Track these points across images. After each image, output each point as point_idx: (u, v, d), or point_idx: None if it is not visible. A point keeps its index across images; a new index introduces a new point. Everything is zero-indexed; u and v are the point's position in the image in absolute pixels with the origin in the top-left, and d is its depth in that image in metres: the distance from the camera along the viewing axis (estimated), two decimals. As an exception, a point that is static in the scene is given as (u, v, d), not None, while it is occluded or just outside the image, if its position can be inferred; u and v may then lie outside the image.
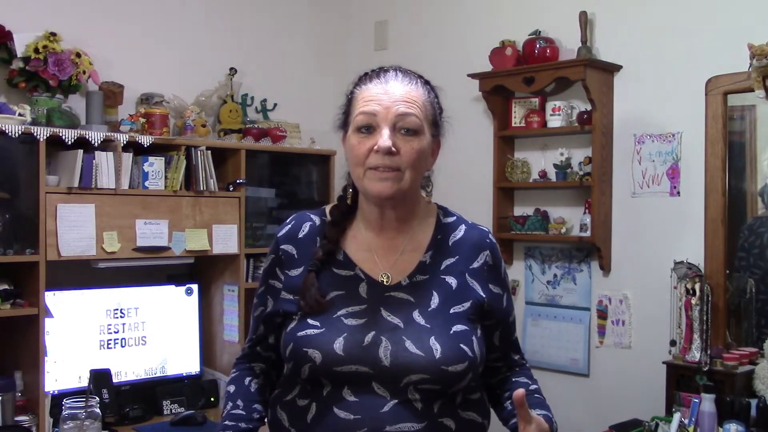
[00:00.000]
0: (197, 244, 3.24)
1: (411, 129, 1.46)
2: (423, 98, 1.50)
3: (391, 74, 1.51)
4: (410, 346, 1.41)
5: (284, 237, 1.61)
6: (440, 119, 1.56)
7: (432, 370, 1.40)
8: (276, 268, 1.60)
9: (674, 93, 3.08)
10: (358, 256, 1.54)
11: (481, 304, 1.52)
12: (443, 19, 3.89)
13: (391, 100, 1.46)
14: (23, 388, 2.90)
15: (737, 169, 2.96)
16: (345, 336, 1.43)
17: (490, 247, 1.58)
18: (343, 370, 1.42)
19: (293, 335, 1.48)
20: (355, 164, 1.49)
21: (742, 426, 2.50)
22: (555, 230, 3.36)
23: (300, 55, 4.10)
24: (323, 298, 1.48)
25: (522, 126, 3.47)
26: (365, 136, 1.46)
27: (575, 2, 3.30)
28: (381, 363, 1.41)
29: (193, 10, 3.69)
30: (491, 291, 1.54)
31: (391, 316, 1.46)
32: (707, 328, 2.79)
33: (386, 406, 1.40)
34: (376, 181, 1.46)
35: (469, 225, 1.60)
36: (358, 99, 1.51)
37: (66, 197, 2.89)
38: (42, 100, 2.97)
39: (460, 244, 1.56)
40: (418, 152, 1.46)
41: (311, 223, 1.60)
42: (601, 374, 3.29)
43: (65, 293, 3.03)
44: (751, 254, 2.94)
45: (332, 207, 1.61)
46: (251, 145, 3.51)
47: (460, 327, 1.46)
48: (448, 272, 1.53)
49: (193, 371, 3.40)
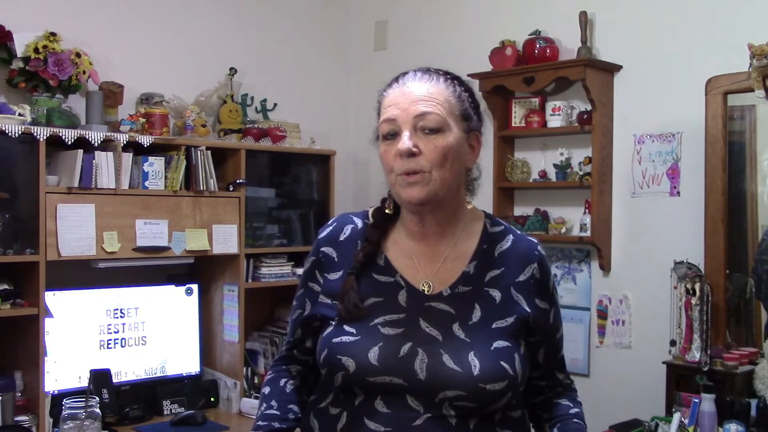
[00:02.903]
0: (197, 244, 3.24)
1: (432, 128, 1.40)
2: (445, 94, 1.43)
3: (410, 75, 1.46)
4: (447, 360, 1.36)
5: (325, 239, 1.56)
6: (474, 112, 1.48)
7: (469, 388, 1.34)
8: (315, 271, 1.55)
9: (674, 93, 3.08)
10: (399, 263, 1.49)
11: (526, 319, 1.45)
12: (443, 19, 3.89)
13: (409, 101, 1.41)
14: (23, 388, 2.90)
15: (737, 169, 2.96)
16: (380, 345, 1.39)
17: (538, 260, 1.50)
18: (377, 380, 1.37)
19: (328, 341, 1.43)
20: (387, 172, 1.44)
21: (742, 426, 2.50)
22: (555, 230, 3.36)
23: (300, 55, 4.10)
24: (362, 303, 1.44)
25: (522, 126, 3.47)
26: (391, 143, 1.42)
27: (575, 2, 3.30)
28: (416, 376, 1.36)
29: (193, 10, 3.69)
30: (537, 306, 1.48)
31: (430, 327, 1.41)
32: (707, 328, 2.79)
33: (418, 420, 1.35)
34: (405, 187, 1.41)
35: (517, 236, 1.53)
36: (382, 107, 1.47)
37: (66, 197, 2.89)
38: (42, 100, 2.97)
39: (506, 255, 1.49)
40: (443, 150, 1.40)
41: (353, 226, 1.55)
42: (601, 374, 3.29)
43: (65, 293, 3.03)
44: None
45: (375, 209, 1.56)
46: (251, 145, 3.50)
47: (501, 343, 1.40)
48: (493, 285, 1.46)
49: (193, 371, 3.40)
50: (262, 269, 3.50)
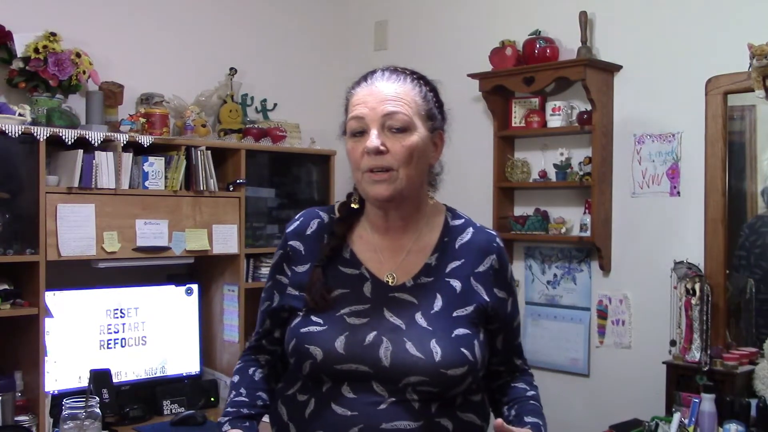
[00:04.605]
0: (197, 244, 3.24)
1: (399, 127, 1.46)
2: (412, 94, 1.49)
3: (378, 75, 1.52)
4: (411, 347, 1.42)
5: (292, 233, 1.62)
6: (438, 112, 1.55)
7: (431, 373, 1.41)
8: (283, 264, 1.60)
9: (674, 93, 3.08)
10: (364, 256, 1.55)
11: (485, 308, 1.52)
12: (443, 19, 3.89)
13: (377, 100, 1.47)
14: (23, 388, 2.90)
15: (737, 169, 2.96)
16: (347, 335, 1.45)
17: (497, 252, 1.57)
18: (343, 368, 1.43)
19: (296, 331, 1.49)
20: (354, 169, 1.51)
21: (742, 426, 2.50)
22: (555, 230, 3.36)
23: (300, 55, 4.10)
24: (329, 294, 1.50)
25: (522, 126, 3.47)
26: (358, 140, 1.48)
27: (575, 2, 3.30)
28: (381, 363, 1.42)
29: (193, 10, 3.69)
30: (496, 295, 1.54)
31: (394, 317, 1.47)
32: (707, 328, 2.80)
33: (383, 404, 1.42)
34: (372, 184, 1.47)
35: (477, 228, 1.60)
36: (350, 105, 1.53)
37: (66, 197, 2.89)
38: (42, 100, 2.97)
39: (466, 247, 1.56)
40: (409, 149, 1.46)
41: (320, 220, 1.61)
42: (601, 374, 3.29)
43: (65, 293, 3.03)
44: (752, 253, 2.94)
45: (341, 204, 1.63)
46: (251, 145, 3.51)
47: (462, 331, 1.46)
48: (453, 275, 1.53)
49: (193, 371, 3.40)
50: (262, 269, 3.50)
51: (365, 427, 1.40)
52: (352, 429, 1.41)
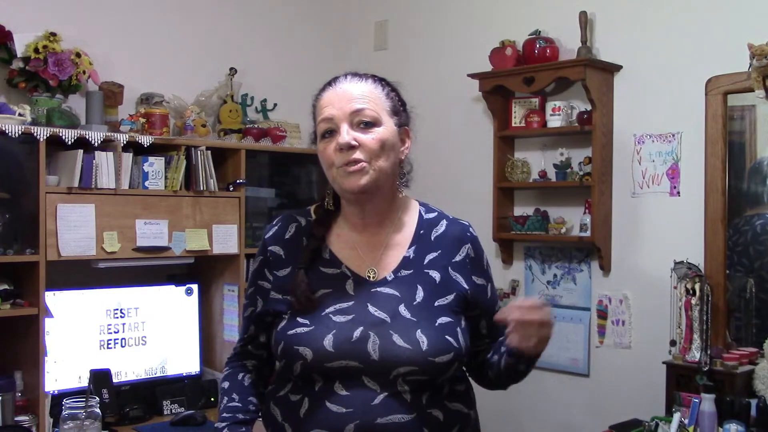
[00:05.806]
0: (197, 244, 3.24)
1: (368, 121, 1.54)
2: (376, 92, 1.58)
3: (341, 79, 1.61)
4: (398, 339, 1.47)
5: (271, 238, 1.66)
6: (402, 109, 1.63)
7: (420, 362, 1.46)
8: (264, 269, 1.65)
9: (674, 93, 3.08)
10: (343, 254, 1.60)
11: (465, 295, 1.58)
12: (443, 19, 3.89)
13: (344, 100, 1.56)
14: (23, 388, 2.90)
15: (737, 169, 2.96)
16: (334, 332, 1.48)
17: (471, 240, 1.64)
18: (334, 365, 1.47)
19: (284, 334, 1.53)
20: (327, 168, 1.57)
21: (742, 426, 2.50)
22: (555, 230, 3.35)
23: (300, 55, 4.10)
24: (313, 295, 1.53)
25: (522, 126, 3.47)
26: (329, 140, 1.56)
27: (575, 2, 3.30)
28: (370, 357, 1.46)
29: (193, 10, 3.69)
30: (474, 282, 1.61)
31: (378, 311, 1.51)
32: (707, 328, 2.79)
33: (377, 399, 1.45)
34: (346, 177, 1.53)
35: (450, 220, 1.67)
36: (318, 109, 1.61)
37: (66, 197, 2.89)
38: (42, 100, 2.97)
39: (442, 238, 1.62)
40: (379, 141, 1.53)
41: (297, 224, 1.66)
42: (601, 374, 3.29)
43: (65, 293, 3.03)
44: (734, 252, 2.94)
45: (316, 206, 1.68)
46: (251, 145, 3.51)
47: (445, 319, 1.52)
48: (432, 266, 1.58)
49: (193, 371, 3.40)
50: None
51: (361, 423, 1.43)
52: (348, 426, 1.43)
